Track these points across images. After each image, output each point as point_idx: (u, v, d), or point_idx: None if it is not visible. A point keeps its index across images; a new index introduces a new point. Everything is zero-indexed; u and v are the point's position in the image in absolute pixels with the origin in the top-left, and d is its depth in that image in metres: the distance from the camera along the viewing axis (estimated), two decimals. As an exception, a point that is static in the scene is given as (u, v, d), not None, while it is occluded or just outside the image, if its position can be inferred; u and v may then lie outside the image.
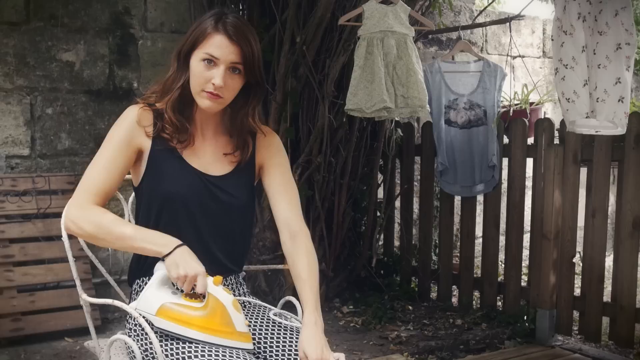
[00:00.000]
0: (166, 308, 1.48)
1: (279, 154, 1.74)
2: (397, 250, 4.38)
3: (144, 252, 1.50)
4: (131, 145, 1.58)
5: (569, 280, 3.47)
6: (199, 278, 1.44)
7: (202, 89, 1.55)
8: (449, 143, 3.75)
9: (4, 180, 3.34)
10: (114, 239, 1.50)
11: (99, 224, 1.50)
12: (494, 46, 5.38)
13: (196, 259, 1.47)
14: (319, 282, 1.65)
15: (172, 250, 1.46)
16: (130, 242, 1.49)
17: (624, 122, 2.64)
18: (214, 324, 1.46)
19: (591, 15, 2.65)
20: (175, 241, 1.48)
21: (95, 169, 1.57)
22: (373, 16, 3.02)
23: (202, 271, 1.45)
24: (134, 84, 3.79)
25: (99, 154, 1.58)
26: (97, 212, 1.52)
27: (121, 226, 1.51)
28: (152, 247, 1.48)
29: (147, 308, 1.50)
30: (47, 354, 3.08)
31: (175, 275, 1.44)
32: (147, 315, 1.50)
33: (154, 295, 1.50)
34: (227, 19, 1.55)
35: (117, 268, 3.63)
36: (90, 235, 1.52)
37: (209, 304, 1.47)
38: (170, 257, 1.45)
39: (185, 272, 1.43)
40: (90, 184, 1.55)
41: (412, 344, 3.34)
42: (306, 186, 3.62)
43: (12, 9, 3.44)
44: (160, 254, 1.47)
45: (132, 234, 1.50)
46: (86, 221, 1.51)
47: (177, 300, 1.49)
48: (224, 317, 1.47)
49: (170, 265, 1.45)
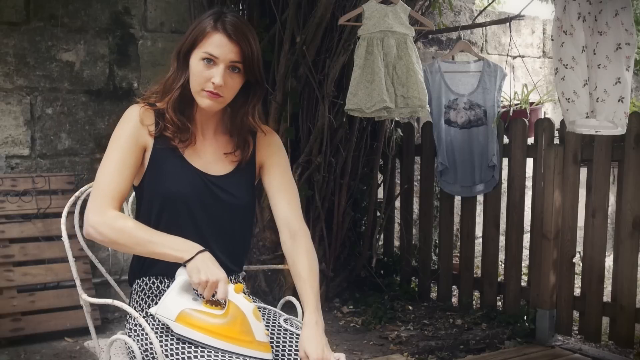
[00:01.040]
0: (186, 314, 1.47)
1: (279, 153, 1.74)
2: (397, 250, 4.38)
3: (165, 257, 1.49)
4: (138, 145, 1.58)
5: (569, 280, 3.47)
6: (220, 284, 1.43)
7: (202, 88, 1.55)
8: (449, 143, 3.75)
9: (4, 180, 3.34)
10: (134, 244, 1.50)
11: (119, 229, 1.49)
12: (494, 46, 5.38)
13: (218, 265, 1.47)
14: (319, 281, 1.65)
15: (193, 256, 1.45)
16: (152, 248, 1.49)
17: (624, 122, 2.64)
18: (233, 332, 1.45)
19: (591, 15, 2.65)
20: (197, 247, 1.48)
21: (107, 173, 1.55)
22: (373, 16, 3.02)
23: (224, 277, 1.44)
24: (134, 84, 3.79)
25: (108, 157, 1.57)
26: (117, 218, 1.51)
27: (142, 232, 1.50)
28: (173, 252, 1.47)
29: (167, 313, 1.49)
30: (47, 354, 3.08)
31: (197, 280, 1.43)
32: (166, 320, 1.49)
33: (175, 301, 1.49)
34: (226, 17, 1.56)
35: (117, 268, 3.63)
36: (111, 241, 1.51)
37: (229, 311, 1.46)
38: (192, 263, 1.45)
39: (206, 277, 1.42)
40: (105, 188, 1.54)
41: (412, 344, 3.34)
42: (306, 186, 3.62)
43: (12, 9, 3.44)
44: (182, 259, 1.46)
45: (153, 239, 1.49)
46: (107, 227, 1.50)
47: (197, 307, 1.48)
48: (244, 325, 1.46)
49: (192, 271, 1.44)
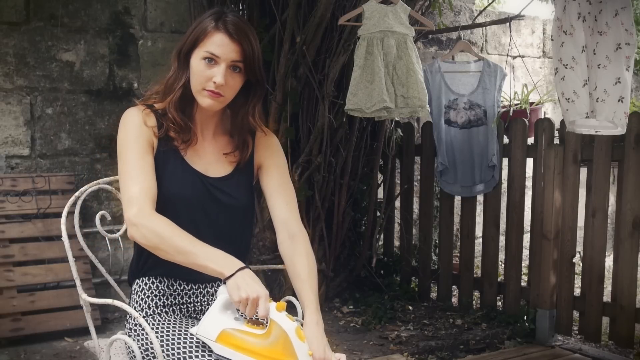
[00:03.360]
0: (227, 334, 1.43)
1: (277, 154, 1.74)
2: (397, 250, 4.38)
3: (206, 270, 1.45)
4: (149, 144, 1.58)
5: (569, 280, 3.47)
6: (260, 301, 1.39)
7: (203, 87, 1.55)
8: (449, 143, 3.75)
9: (4, 180, 3.34)
10: (175, 252, 1.47)
11: (162, 235, 1.47)
12: (494, 46, 5.38)
13: (259, 282, 1.43)
14: (318, 282, 1.65)
15: (234, 272, 1.42)
16: (193, 259, 1.45)
17: (623, 122, 2.64)
18: (276, 353, 1.40)
19: (591, 15, 2.65)
20: (238, 263, 1.45)
21: (134, 176, 1.53)
22: (373, 16, 3.02)
23: (265, 294, 1.41)
24: (134, 84, 3.79)
25: (126, 162, 1.55)
26: (163, 224, 1.48)
27: (185, 241, 1.47)
28: (215, 267, 1.44)
29: (207, 333, 1.44)
30: (47, 354, 3.08)
31: (237, 298, 1.39)
32: (207, 341, 1.44)
33: (216, 320, 1.45)
34: (227, 17, 1.56)
35: (117, 268, 3.63)
36: (154, 246, 1.49)
37: (271, 331, 1.42)
38: (232, 280, 1.42)
39: (247, 294, 1.39)
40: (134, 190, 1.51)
41: (412, 344, 3.35)
42: (306, 186, 3.62)
43: (12, 9, 3.44)
44: (223, 275, 1.43)
45: (195, 250, 1.46)
46: (151, 231, 1.47)
47: (238, 327, 1.44)
48: (286, 346, 1.41)
49: (232, 288, 1.41)
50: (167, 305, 1.64)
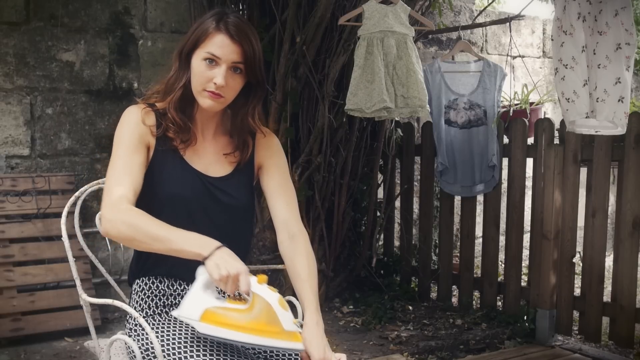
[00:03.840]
0: (210, 312, 1.43)
1: (278, 154, 1.74)
2: (397, 250, 4.38)
3: (183, 254, 1.45)
4: (142, 143, 1.58)
5: (569, 280, 3.47)
6: (241, 277, 1.40)
7: (204, 88, 1.55)
8: (449, 143, 3.75)
9: (4, 180, 3.34)
10: (152, 241, 1.46)
11: (137, 226, 1.46)
12: (494, 46, 5.38)
13: (237, 258, 1.43)
14: (318, 282, 1.65)
15: (212, 252, 1.42)
16: (169, 245, 1.45)
17: (623, 122, 2.64)
18: (261, 325, 1.41)
19: (591, 15, 2.65)
20: (214, 243, 1.44)
21: (117, 171, 1.54)
22: (373, 16, 3.02)
23: (245, 269, 1.41)
24: (134, 84, 3.79)
25: (115, 156, 1.56)
26: (134, 214, 1.48)
27: (159, 228, 1.47)
28: (192, 249, 1.43)
29: (190, 314, 1.44)
30: (47, 354, 3.08)
31: (218, 276, 1.39)
32: (190, 322, 1.44)
33: (198, 300, 1.45)
34: (229, 18, 1.56)
35: (117, 268, 3.63)
36: (128, 237, 1.48)
37: (254, 304, 1.42)
38: (211, 259, 1.41)
39: (227, 271, 1.39)
40: (117, 185, 1.52)
41: (412, 344, 3.35)
42: (306, 186, 3.62)
43: (12, 9, 3.44)
44: (201, 256, 1.42)
45: (170, 236, 1.45)
46: (123, 223, 1.47)
47: (221, 304, 1.44)
48: (270, 316, 1.41)
49: (212, 267, 1.41)
50: (167, 305, 1.64)
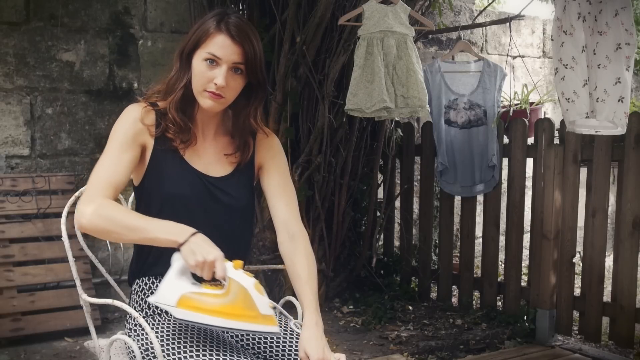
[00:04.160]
0: (187, 298, 1.43)
1: (278, 155, 1.74)
2: (397, 250, 4.38)
3: (158, 242, 1.46)
4: (136, 141, 1.58)
5: (569, 280, 3.47)
6: (217, 263, 1.40)
7: (204, 88, 1.55)
8: (449, 143, 3.75)
9: (4, 180, 3.34)
10: (127, 231, 1.46)
11: (110, 217, 1.46)
12: (494, 46, 5.38)
13: (212, 244, 1.44)
14: (317, 282, 1.65)
15: (187, 239, 1.42)
16: (144, 234, 1.46)
17: (623, 122, 2.64)
18: (237, 309, 1.41)
19: (591, 15, 2.65)
20: (189, 229, 1.45)
21: (101, 166, 1.55)
22: (373, 16, 3.02)
23: (220, 255, 1.42)
24: (134, 84, 3.79)
25: (105, 151, 1.57)
26: (108, 205, 1.48)
27: (133, 218, 1.48)
28: (167, 236, 1.44)
29: (166, 300, 1.45)
30: (47, 354, 3.08)
31: (193, 262, 1.40)
32: (167, 307, 1.45)
33: (174, 286, 1.45)
34: (230, 19, 1.56)
35: (117, 268, 3.63)
36: (103, 230, 1.48)
37: (230, 289, 1.42)
38: (186, 245, 1.42)
39: (203, 257, 1.39)
40: (97, 178, 1.53)
41: (412, 344, 3.35)
42: (306, 186, 3.62)
43: (12, 9, 3.44)
44: (176, 243, 1.43)
45: (145, 225, 1.46)
46: (97, 216, 1.47)
47: (197, 290, 1.45)
48: (246, 300, 1.42)
49: (187, 253, 1.41)
50: (167, 305, 1.64)
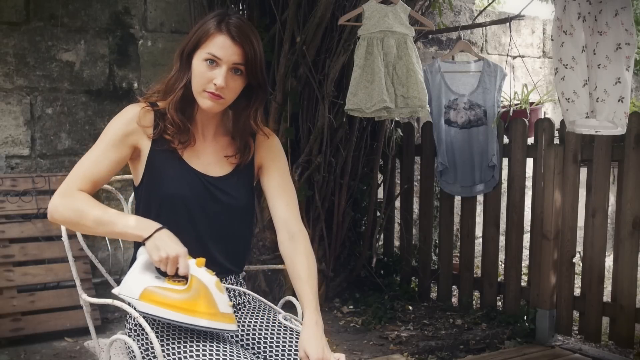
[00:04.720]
0: (149, 291, 1.47)
1: (278, 155, 1.74)
2: (397, 250, 4.38)
3: (125, 236, 1.49)
4: (126, 141, 1.59)
5: (569, 280, 3.47)
6: (180, 259, 1.44)
7: (204, 89, 1.56)
8: (449, 143, 3.75)
9: (4, 180, 3.34)
10: (95, 224, 1.49)
11: (79, 210, 1.49)
12: (494, 46, 5.38)
13: (177, 241, 1.47)
14: (317, 282, 1.65)
15: (152, 234, 1.46)
16: (111, 228, 1.49)
17: (623, 122, 2.64)
18: (196, 306, 1.45)
19: (591, 15, 2.65)
20: (155, 225, 1.48)
21: (86, 159, 1.57)
22: (373, 16, 3.02)
23: (183, 252, 1.45)
24: (134, 84, 3.79)
25: (93, 146, 1.60)
26: (79, 198, 1.51)
27: (101, 211, 1.50)
28: (132, 231, 1.47)
29: (130, 293, 1.49)
30: (47, 354, 3.08)
31: (157, 258, 1.44)
32: (130, 299, 1.49)
33: (137, 280, 1.50)
34: (230, 19, 1.56)
35: (117, 268, 3.63)
36: (72, 222, 1.51)
37: (192, 286, 1.46)
38: (151, 241, 1.45)
39: (166, 253, 1.43)
40: (77, 171, 1.55)
41: (412, 344, 3.35)
42: (306, 186, 3.62)
43: (12, 9, 3.44)
44: (141, 237, 1.46)
45: (113, 219, 1.49)
46: (67, 208, 1.50)
47: (160, 284, 1.49)
48: (207, 298, 1.46)
49: (152, 249, 1.45)
50: (167, 305, 1.65)
